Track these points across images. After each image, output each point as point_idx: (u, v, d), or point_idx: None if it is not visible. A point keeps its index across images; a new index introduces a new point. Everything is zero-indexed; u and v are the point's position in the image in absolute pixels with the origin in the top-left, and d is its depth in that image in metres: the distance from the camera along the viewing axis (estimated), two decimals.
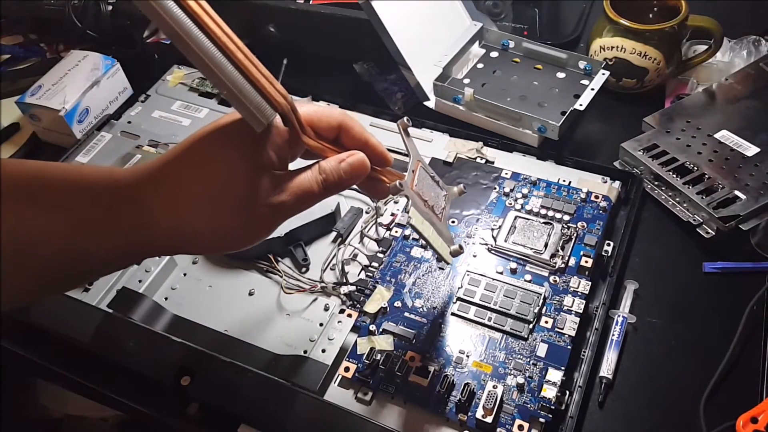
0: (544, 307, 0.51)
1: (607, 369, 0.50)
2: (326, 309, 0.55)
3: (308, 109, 0.38)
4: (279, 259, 0.58)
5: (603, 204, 0.58)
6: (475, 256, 0.56)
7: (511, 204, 0.59)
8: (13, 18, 0.87)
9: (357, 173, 0.39)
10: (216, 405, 0.49)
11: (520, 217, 0.57)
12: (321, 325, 0.54)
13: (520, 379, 0.47)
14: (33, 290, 0.35)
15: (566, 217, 0.57)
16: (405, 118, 0.43)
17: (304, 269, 0.57)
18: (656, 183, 0.61)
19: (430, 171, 0.46)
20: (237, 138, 0.35)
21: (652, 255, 0.58)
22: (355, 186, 0.40)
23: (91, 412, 0.80)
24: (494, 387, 0.46)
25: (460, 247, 0.44)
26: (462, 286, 0.53)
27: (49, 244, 0.33)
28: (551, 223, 0.56)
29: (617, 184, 0.61)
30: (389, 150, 0.65)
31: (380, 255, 0.57)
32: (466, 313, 0.51)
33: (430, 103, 0.71)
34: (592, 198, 0.59)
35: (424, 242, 0.43)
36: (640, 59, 0.67)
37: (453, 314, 0.52)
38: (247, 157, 0.35)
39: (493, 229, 0.57)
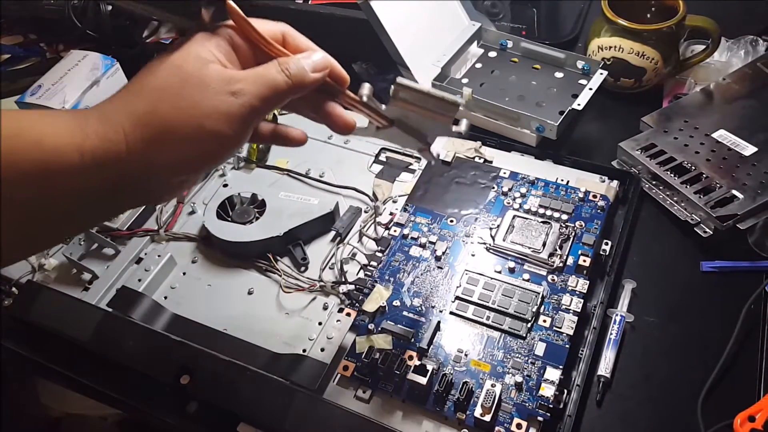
0: (543, 306, 0.51)
1: (605, 368, 0.50)
2: (325, 308, 0.55)
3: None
4: (278, 258, 0.58)
5: (601, 203, 0.58)
6: (473, 255, 0.56)
7: (509, 203, 0.59)
8: (13, 18, 0.87)
9: (320, 65, 0.38)
10: (215, 404, 0.49)
11: (518, 217, 0.57)
12: (320, 323, 0.54)
13: (519, 378, 0.47)
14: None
15: (564, 217, 0.57)
16: (367, 86, 0.40)
17: (303, 268, 0.58)
18: (654, 182, 0.61)
19: None
20: (176, 50, 0.35)
21: (650, 254, 0.58)
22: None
23: (90, 411, 0.80)
24: (492, 386, 0.47)
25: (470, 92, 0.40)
26: (460, 285, 0.53)
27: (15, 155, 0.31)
28: (549, 223, 0.56)
29: (615, 183, 0.61)
30: (392, 150, 0.67)
31: (379, 254, 0.57)
32: (464, 312, 0.52)
33: None
34: (590, 197, 0.59)
35: (423, 95, 0.40)
36: (638, 59, 0.68)
37: (451, 313, 0.52)
38: (189, 57, 0.35)
39: (491, 229, 0.57)
